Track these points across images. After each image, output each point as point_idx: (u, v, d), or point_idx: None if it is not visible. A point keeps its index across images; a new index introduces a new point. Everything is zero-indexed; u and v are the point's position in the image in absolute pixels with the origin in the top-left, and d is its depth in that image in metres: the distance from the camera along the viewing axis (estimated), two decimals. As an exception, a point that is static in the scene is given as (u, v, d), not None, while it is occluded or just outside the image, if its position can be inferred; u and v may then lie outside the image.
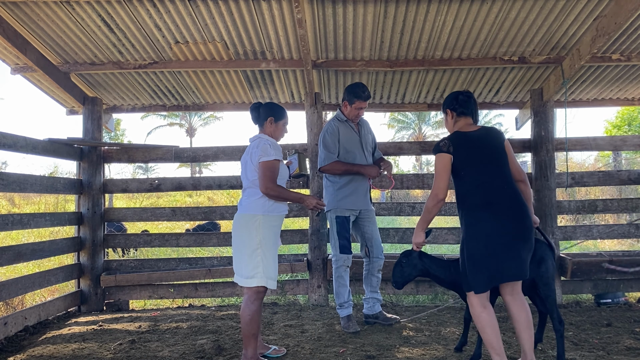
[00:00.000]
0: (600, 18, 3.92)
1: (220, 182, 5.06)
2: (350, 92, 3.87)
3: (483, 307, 2.64)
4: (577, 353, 3.23)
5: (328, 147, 3.89)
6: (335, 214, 3.91)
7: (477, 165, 2.72)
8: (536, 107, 4.89)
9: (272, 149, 2.99)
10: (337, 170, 3.88)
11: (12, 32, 3.96)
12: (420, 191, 16.28)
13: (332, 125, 3.93)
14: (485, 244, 2.60)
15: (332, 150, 3.88)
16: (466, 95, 2.88)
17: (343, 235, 3.88)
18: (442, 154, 2.73)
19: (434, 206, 2.75)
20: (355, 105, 3.87)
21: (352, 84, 3.93)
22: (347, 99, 3.90)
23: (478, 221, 2.65)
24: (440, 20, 4.11)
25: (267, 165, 2.95)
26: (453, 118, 2.89)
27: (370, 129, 4.18)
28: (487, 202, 2.65)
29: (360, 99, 3.85)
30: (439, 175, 2.73)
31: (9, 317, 3.84)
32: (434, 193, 2.74)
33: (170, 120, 39.93)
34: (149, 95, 5.36)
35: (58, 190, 4.66)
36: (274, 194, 2.95)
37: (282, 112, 3.26)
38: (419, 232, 2.88)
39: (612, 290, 4.72)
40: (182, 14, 4.03)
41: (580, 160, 16.42)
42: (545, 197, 4.78)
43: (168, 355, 3.38)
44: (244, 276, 2.97)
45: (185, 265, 5.01)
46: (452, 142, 2.74)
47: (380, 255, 4.02)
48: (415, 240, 2.90)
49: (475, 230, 2.65)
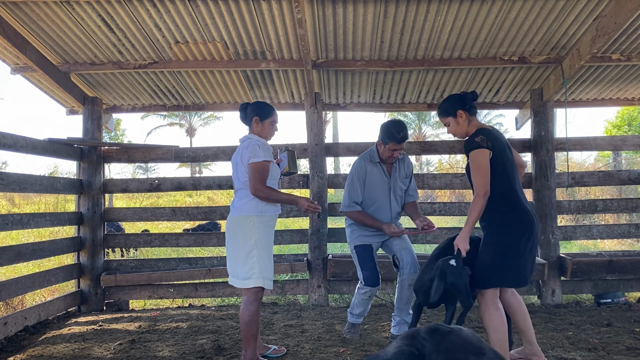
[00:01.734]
0: (600, 18, 3.92)
1: (220, 182, 5.06)
2: (385, 131, 3.41)
3: (497, 306, 2.70)
4: (577, 353, 3.23)
5: (351, 194, 3.54)
6: (353, 244, 3.59)
7: (508, 163, 2.73)
8: (536, 107, 4.90)
9: (261, 150, 2.95)
10: (357, 221, 3.55)
11: (12, 32, 3.96)
12: (420, 191, 16.29)
13: (361, 165, 3.56)
14: (520, 243, 2.64)
15: (354, 198, 3.54)
16: (473, 94, 2.87)
17: (366, 265, 3.48)
18: (482, 149, 2.64)
19: (484, 204, 2.63)
20: (389, 146, 3.41)
21: (388, 122, 3.44)
22: (381, 139, 3.45)
23: (519, 221, 2.65)
24: (440, 20, 4.11)
25: (257, 167, 2.92)
26: (466, 118, 2.84)
27: (408, 166, 3.69)
28: (520, 202, 2.70)
29: (394, 141, 3.37)
30: (483, 171, 2.62)
31: (9, 317, 3.84)
32: (482, 191, 2.62)
33: (170, 120, 39.91)
34: (149, 95, 5.36)
35: (58, 190, 4.66)
36: (263, 195, 2.92)
37: (268, 111, 3.17)
38: (467, 235, 2.69)
39: (612, 290, 4.72)
40: (182, 14, 4.03)
41: (580, 160, 16.43)
42: (545, 197, 4.78)
43: (168, 355, 3.38)
44: (240, 278, 2.96)
45: (185, 265, 5.02)
46: (489, 138, 2.67)
47: (412, 268, 3.42)
48: (464, 246, 2.69)
49: (515, 229, 2.65)
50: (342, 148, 5.12)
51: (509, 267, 2.65)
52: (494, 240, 2.69)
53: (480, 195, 2.62)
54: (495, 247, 2.68)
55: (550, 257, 4.73)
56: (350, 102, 5.53)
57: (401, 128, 3.37)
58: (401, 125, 3.39)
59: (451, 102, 2.86)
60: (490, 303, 2.68)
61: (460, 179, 4.99)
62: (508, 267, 2.65)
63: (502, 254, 2.65)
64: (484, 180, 2.62)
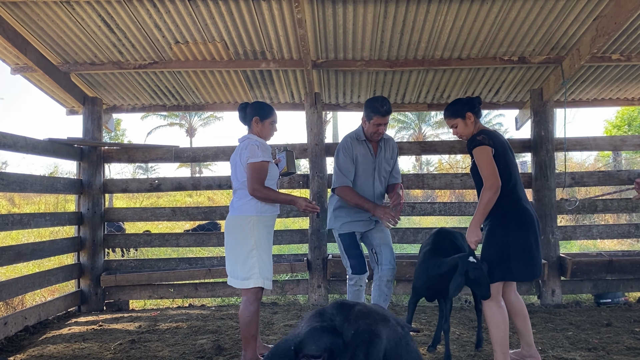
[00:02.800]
0: (600, 18, 3.92)
1: (220, 182, 5.07)
2: (368, 106, 3.39)
3: (500, 304, 2.76)
4: (577, 353, 3.23)
5: (341, 167, 3.45)
6: (338, 232, 3.51)
7: (510, 162, 2.83)
8: (536, 107, 4.89)
9: (260, 150, 2.95)
10: (347, 199, 3.41)
11: (12, 32, 3.96)
12: (420, 191, 16.29)
13: (347, 142, 3.49)
14: (531, 237, 2.74)
15: (345, 171, 3.43)
16: (479, 99, 3.01)
17: (352, 253, 3.43)
18: (484, 146, 2.74)
19: (494, 195, 2.68)
20: (374, 121, 3.37)
21: (371, 98, 3.46)
22: (365, 115, 3.44)
23: (523, 214, 2.76)
24: (440, 20, 4.11)
25: (255, 167, 2.92)
26: (474, 121, 2.95)
27: (393, 148, 3.64)
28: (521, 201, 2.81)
29: (378, 114, 3.34)
30: (489, 164, 2.71)
31: (9, 317, 3.84)
32: (493, 183, 2.68)
33: (170, 120, 39.89)
34: (149, 95, 5.36)
35: (58, 190, 4.66)
36: (261, 195, 2.92)
37: (268, 111, 3.16)
38: (476, 229, 2.76)
39: (612, 290, 4.73)
40: (182, 14, 4.03)
41: (580, 160, 16.43)
42: (545, 197, 4.78)
43: (168, 355, 3.38)
44: (240, 278, 2.95)
45: (185, 265, 5.02)
46: (490, 137, 2.80)
47: (390, 264, 3.37)
48: (475, 239, 2.76)
49: (521, 222, 2.74)
50: (342, 148, 5.11)
51: (509, 262, 2.72)
52: (497, 237, 2.76)
53: (491, 187, 2.68)
54: (496, 243, 2.75)
55: (550, 257, 4.73)
56: (350, 102, 5.53)
57: (384, 102, 3.36)
58: (384, 99, 3.38)
59: (461, 104, 2.97)
60: (494, 300, 2.73)
61: (460, 179, 4.99)
62: (524, 259, 2.73)
63: (515, 247, 2.72)
64: (493, 172, 2.69)
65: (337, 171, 3.47)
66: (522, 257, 2.72)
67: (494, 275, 2.73)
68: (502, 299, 2.80)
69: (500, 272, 2.73)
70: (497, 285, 2.74)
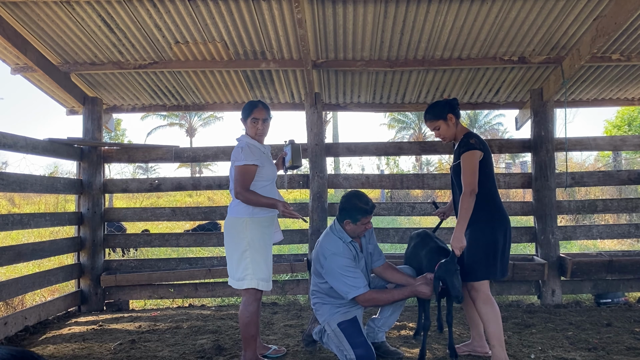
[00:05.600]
0: (600, 18, 3.92)
1: (220, 182, 5.06)
2: (351, 209, 2.95)
3: (492, 301, 2.86)
4: (577, 353, 3.23)
5: (354, 278, 2.89)
6: (335, 322, 2.97)
7: (492, 165, 2.95)
8: (536, 107, 4.89)
9: (243, 153, 2.96)
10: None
11: (12, 32, 3.96)
12: (420, 191, 16.28)
13: (344, 249, 2.95)
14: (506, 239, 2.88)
15: (359, 282, 2.89)
16: (455, 100, 3.09)
17: (357, 342, 2.87)
18: (476, 150, 2.84)
19: (473, 201, 2.79)
20: (362, 221, 2.96)
21: (348, 198, 3.00)
22: (349, 218, 2.96)
23: (501, 217, 2.91)
24: (440, 20, 4.11)
25: (238, 170, 2.96)
26: (455, 122, 3.03)
27: (372, 236, 3.22)
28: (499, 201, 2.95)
29: (366, 214, 2.95)
30: (474, 171, 2.81)
31: (9, 317, 3.84)
32: (473, 189, 2.78)
33: (170, 121, 39.91)
34: (149, 95, 5.36)
35: (58, 190, 4.66)
36: (242, 199, 2.95)
37: (247, 109, 3.11)
38: (462, 235, 2.78)
39: (612, 290, 4.72)
40: (182, 14, 4.03)
41: (580, 160, 16.42)
42: (545, 197, 4.78)
43: (168, 355, 3.38)
44: (235, 278, 2.99)
45: (185, 265, 5.01)
46: (480, 141, 2.89)
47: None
48: (461, 245, 2.77)
49: (499, 225, 2.87)
50: (342, 148, 5.12)
51: (495, 261, 2.85)
52: (482, 237, 2.85)
53: (470, 193, 2.79)
54: (484, 243, 2.85)
55: (550, 257, 4.73)
56: (350, 102, 5.53)
57: (365, 197, 3.00)
58: (362, 196, 3.01)
59: (441, 106, 3.04)
60: (486, 298, 2.84)
61: (460, 179, 4.98)
62: (495, 260, 2.85)
63: (494, 247, 2.84)
64: (474, 179, 2.80)
65: (349, 282, 2.87)
66: (504, 256, 2.87)
67: (479, 275, 2.84)
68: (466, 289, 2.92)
69: (486, 270, 2.83)
70: (484, 284, 2.85)
